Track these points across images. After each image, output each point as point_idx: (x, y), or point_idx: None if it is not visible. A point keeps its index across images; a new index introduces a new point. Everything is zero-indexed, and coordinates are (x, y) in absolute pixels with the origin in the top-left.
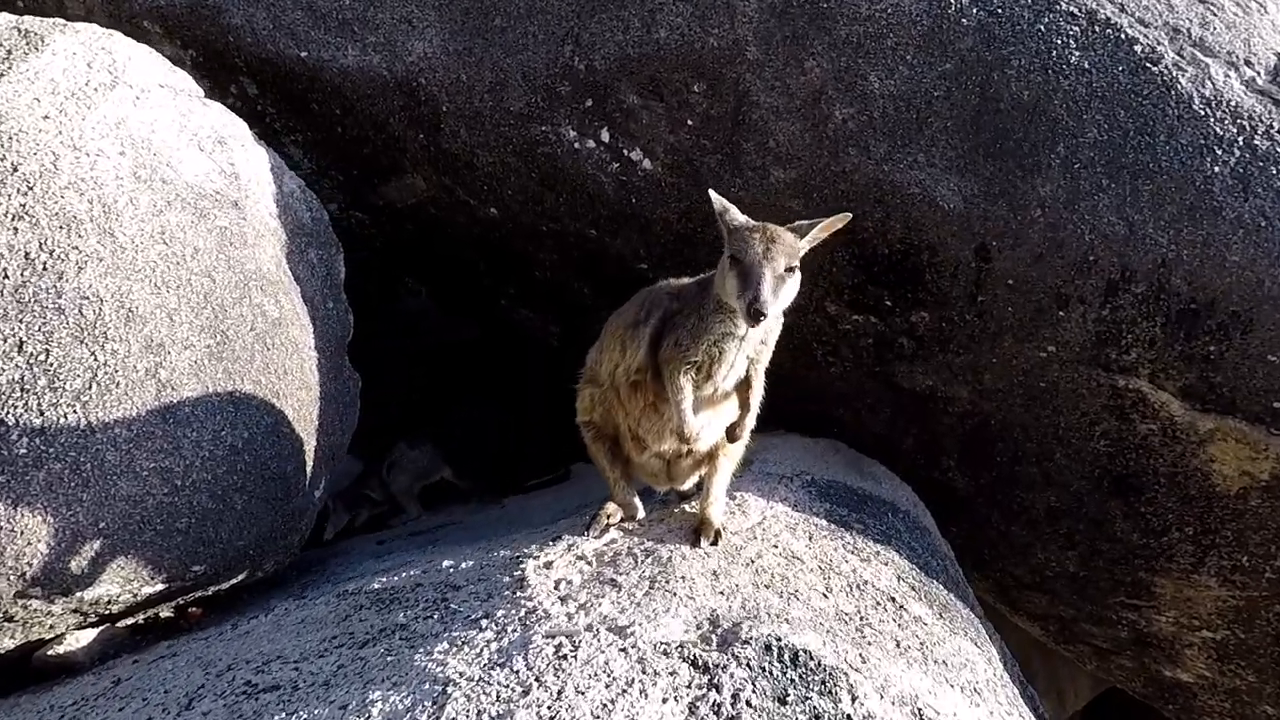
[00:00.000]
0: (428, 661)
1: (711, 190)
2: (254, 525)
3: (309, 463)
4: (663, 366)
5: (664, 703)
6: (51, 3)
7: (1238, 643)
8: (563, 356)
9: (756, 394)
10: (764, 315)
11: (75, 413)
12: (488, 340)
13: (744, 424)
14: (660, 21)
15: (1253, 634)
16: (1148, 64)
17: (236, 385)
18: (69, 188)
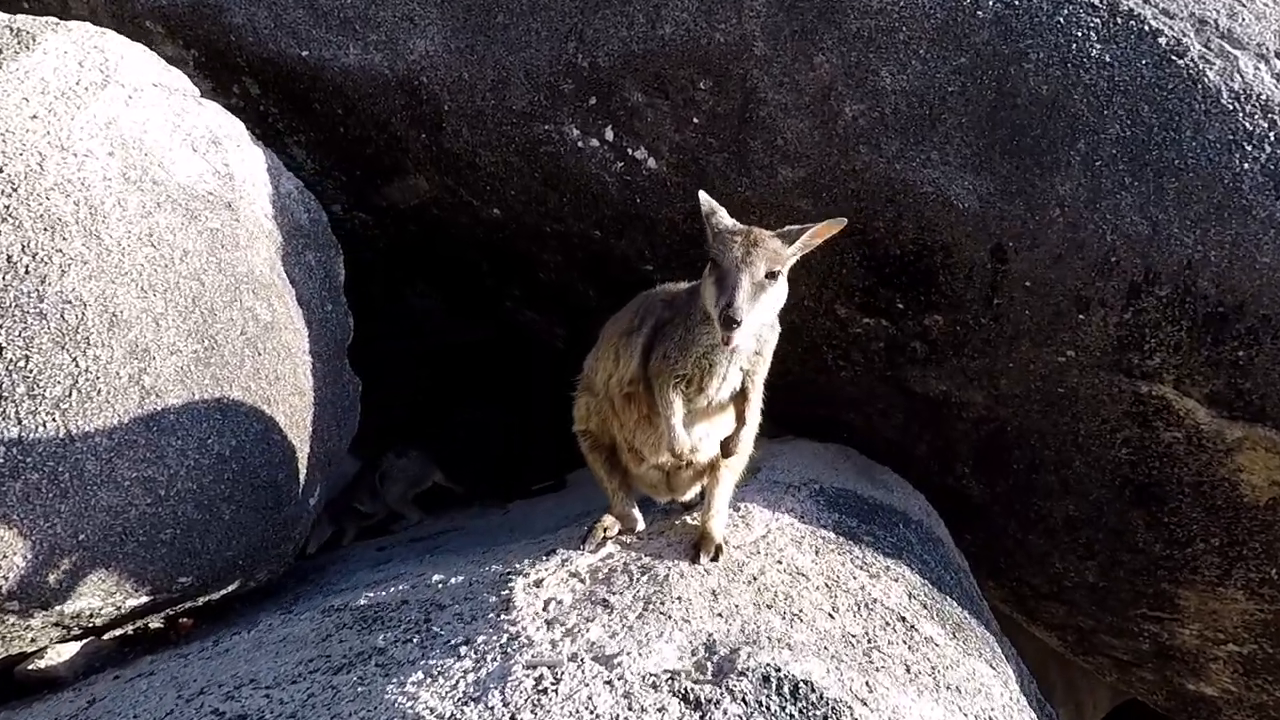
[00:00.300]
0: (399, 695)
1: (701, 191)
2: (243, 535)
3: (302, 470)
4: (652, 379)
5: None
6: (55, 3)
7: (1265, 657)
8: (568, 359)
9: (753, 407)
10: (737, 323)
11: (54, 421)
12: (493, 342)
13: (739, 438)
14: (665, 17)
15: None
16: (1173, 56)
17: (225, 391)
18: (55, 189)
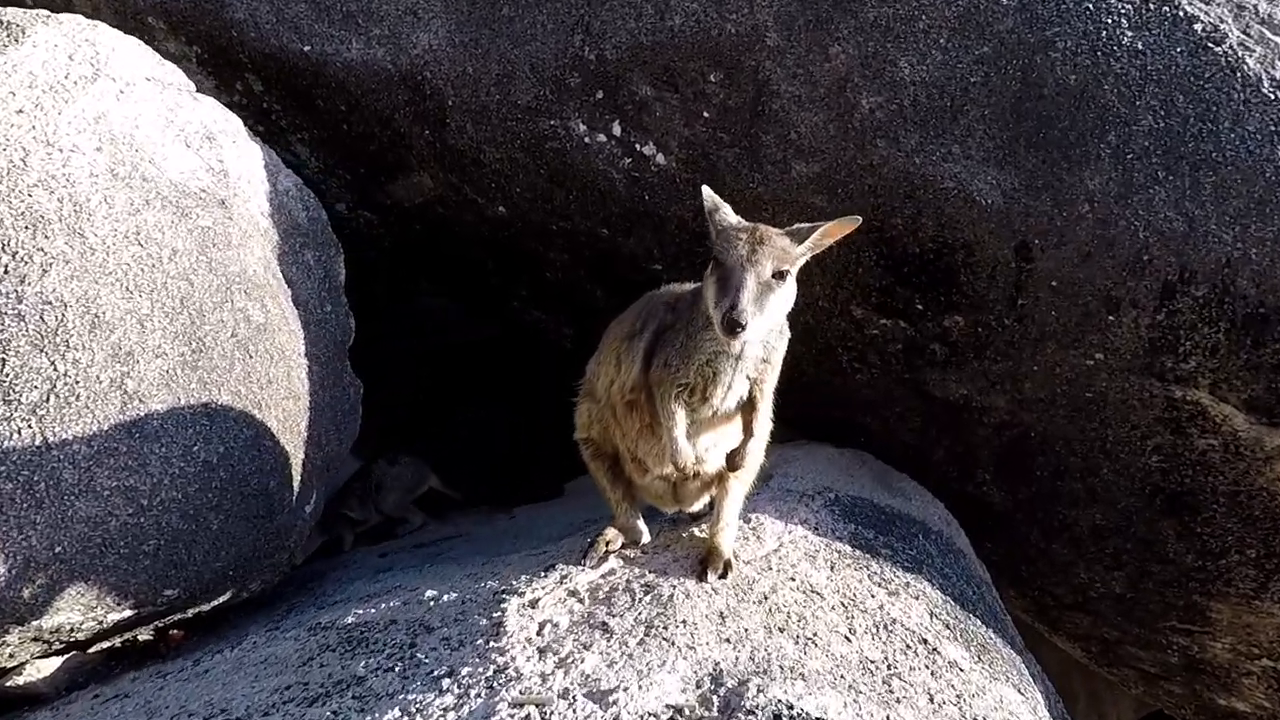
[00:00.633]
0: None
1: (705, 186)
2: (233, 545)
3: (296, 477)
4: (654, 388)
5: None
6: None
7: None
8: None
9: (761, 419)
10: (740, 327)
11: (30, 428)
12: (499, 341)
13: (746, 451)
14: (675, 7)
15: None
16: (1209, 44)
17: (213, 396)
18: (38, 185)
